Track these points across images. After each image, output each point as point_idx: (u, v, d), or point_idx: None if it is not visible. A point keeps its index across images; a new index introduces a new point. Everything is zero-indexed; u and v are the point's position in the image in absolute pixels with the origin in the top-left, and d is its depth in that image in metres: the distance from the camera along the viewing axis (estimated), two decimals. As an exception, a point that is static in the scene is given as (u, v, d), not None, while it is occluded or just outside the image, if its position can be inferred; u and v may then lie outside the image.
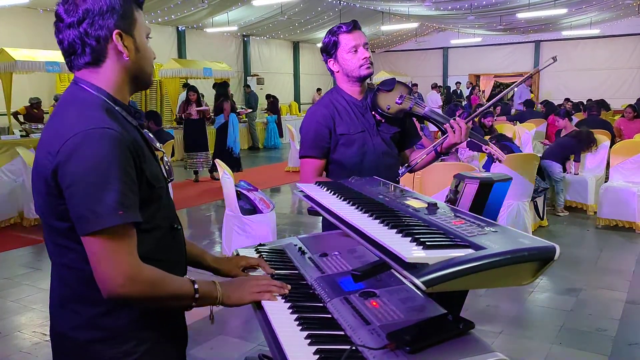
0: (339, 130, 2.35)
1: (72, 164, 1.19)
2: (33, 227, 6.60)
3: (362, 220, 1.38)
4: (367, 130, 2.38)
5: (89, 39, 1.28)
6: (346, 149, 2.36)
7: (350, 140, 2.35)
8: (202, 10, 13.35)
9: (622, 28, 18.68)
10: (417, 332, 1.23)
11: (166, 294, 1.30)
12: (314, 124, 2.38)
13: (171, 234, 1.44)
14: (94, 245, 1.19)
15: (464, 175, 1.61)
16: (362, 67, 2.33)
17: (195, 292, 1.33)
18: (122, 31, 1.30)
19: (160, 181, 1.38)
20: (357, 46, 2.31)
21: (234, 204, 4.88)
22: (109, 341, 1.31)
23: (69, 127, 1.22)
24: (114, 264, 1.19)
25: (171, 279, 1.31)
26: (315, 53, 21.66)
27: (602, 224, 6.29)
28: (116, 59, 1.32)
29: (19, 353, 3.51)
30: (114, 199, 1.17)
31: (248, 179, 5.44)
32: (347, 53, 2.32)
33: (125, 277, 1.19)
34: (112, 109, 1.30)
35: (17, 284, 4.75)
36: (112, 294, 1.20)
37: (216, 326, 3.75)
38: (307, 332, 1.31)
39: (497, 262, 1.06)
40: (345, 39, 2.32)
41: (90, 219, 1.17)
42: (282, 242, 2.08)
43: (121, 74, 1.34)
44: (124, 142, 1.23)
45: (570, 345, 3.51)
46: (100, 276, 1.20)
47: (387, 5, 15.32)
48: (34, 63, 9.72)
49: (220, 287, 1.41)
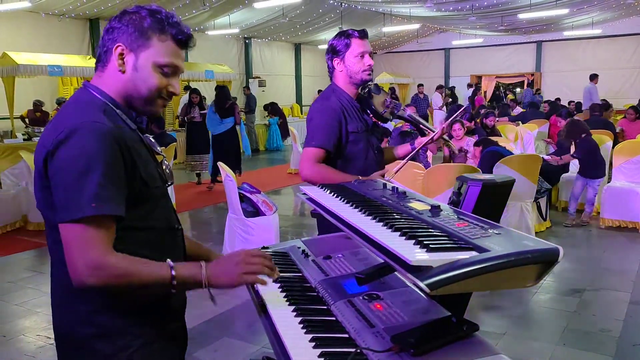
0: (350, 128, 2.52)
1: (59, 154, 1.24)
2: (37, 231, 6.61)
3: (366, 223, 1.38)
4: (368, 129, 2.61)
5: (105, 46, 1.40)
6: (355, 146, 2.53)
7: (358, 138, 2.53)
8: (203, 12, 13.36)
9: (623, 28, 18.65)
10: (422, 334, 1.23)
11: (137, 283, 1.27)
12: (327, 117, 2.50)
13: (170, 235, 1.46)
14: (67, 233, 1.23)
15: (467, 178, 1.61)
16: (364, 72, 2.53)
17: (172, 278, 1.30)
18: (126, 47, 1.36)
19: (156, 181, 1.40)
20: (365, 53, 2.51)
21: (236, 206, 4.89)
22: (104, 337, 1.33)
23: (63, 121, 1.28)
24: (82, 253, 1.22)
25: (144, 266, 1.29)
26: (316, 55, 21.66)
27: (605, 224, 6.27)
28: (116, 68, 1.38)
29: (24, 356, 3.52)
30: (91, 190, 1.21)
31: (250, 182, 5.44)
32: (355, 57, 2.51)
33: (92, 267, 1.22)
34: (111, 111, 1.35)
35: (21, 288, 4.77)
36: (79, 282, 1.23)
37: (220, 329, 3.76)
38: (311, 335, 1.32)
39: (501, 265, 1.06)
40: (357, 43, 2.51)
41: (65, 208, 1.22)
42: (286, 244, 2.08)
43: (119, 84, 1.39)
44: (112, 136, 1.27)
45: (574, 346, 3.50)
46: (69, 265, 1.23)
47: (389, 6, 15.32)
48: (37, 67, 9.75)
49: (206, 269, 1.35)
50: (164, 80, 1.40)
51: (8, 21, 11.50)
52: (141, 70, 1.37)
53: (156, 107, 1.44)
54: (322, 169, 2.44)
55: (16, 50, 10.26)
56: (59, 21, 12.52)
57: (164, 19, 1.38)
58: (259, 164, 12.80)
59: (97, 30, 13.35)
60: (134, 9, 1.40)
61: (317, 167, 2.44)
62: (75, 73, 10.64)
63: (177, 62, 1.41)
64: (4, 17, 11.25)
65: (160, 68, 1.38)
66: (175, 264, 1.32)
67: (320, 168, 2.44)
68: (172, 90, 1.43)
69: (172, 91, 1.43)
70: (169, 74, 1.41)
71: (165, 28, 1.38)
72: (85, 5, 11.90)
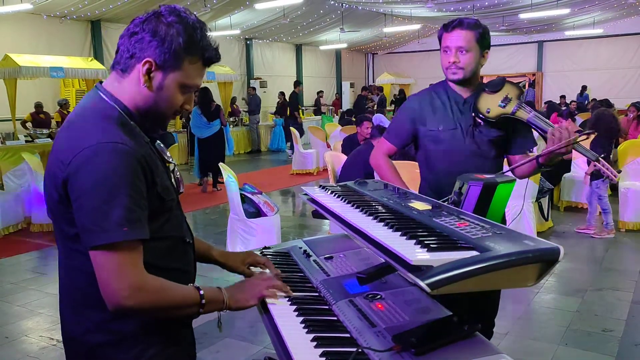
0: (429, 126, 2.34)
1: (81, 177, 1.21)
2: (40, 232, 6.62)
3: (367, 223, 1.39)
4: (462, 128, 2.31)
5: (129, 51, 1.32)
6: (434, 146, 2.35)
7: (437, 137, 2.33)
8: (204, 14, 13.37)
9: (625, 27, 18.63)
10: (423, 334, 1.23)
11: (172, 303, 1.31)
12: (402, 113, 2.46)
13: (182, 246, 1.45)
14: (99, 258, 1.21)
15: (468, 177, 1.61)
16: (448, 69, 2.30)
17: (201, 298, 1.34)
18: (156, 63, 1.31)
19: (170, 194, 1.39)
20: (450, 48, 2.27)
21: (238, 207, 4.89)
22: (118, 345, 1.32)
23: (82, 138, 1.25)
24: (119, 276, 1.21)
25: (176, 288, 1.33)
26: (318, 55, 21.67)
27: (626, 228, 6.09)
28: (140, 81, 1.33)
29: (27, 357, 3.52)
30: (120, 214, 1.20)
31: (252, 182, 5.45)
32: (442, 52, 2.32)
33: (130, 289, 1.21)
34: (126, 123, 1.32)
35: (23, 289, 4.77)
36: (117, 306, 1.22)
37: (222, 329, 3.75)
38: (313, 335, 1.32)
39: (502, 264, 1.07)
40: (443, 37, 2.31)
41: (95, 233, 1.20)
42: (287, 244, 2.09)
43: (139, 97, 1.35)
44: (134, 157, 1.24)
45: (577, 346, 3.50)
46: (105, 289, 1.22)
47: (390, 7, 15.33)
48: (38, 69, 9.77)
49: (226, 291, 1.42)
50: (182, 98, 1.39)
51: (10, 23, 11.53)
52: (166, 89, 1.34)
53: (167, 123, 1.46)
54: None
55: (18, 52, 10.28)
56: (60, 23, 12.55)
57: (199, 40, 1.33)
58: (261, 165, 12.81)
59: (98, 32, 13.38)
60: (169, 16, 1.31)
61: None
62: (77, 75, 10.67)
63: (200, 82, 1.40)
64: (6, 19, 11.28)
65: (183, 87, 1.36)
66: (199, 285, 1.37)
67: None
68: (187, 107, 1.42)
69: (186, 108, 1.42)
70: (189, 92, 1.40)
71: (199, 50, 1.34)
72: (87, 7, 11.93)
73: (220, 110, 9.01)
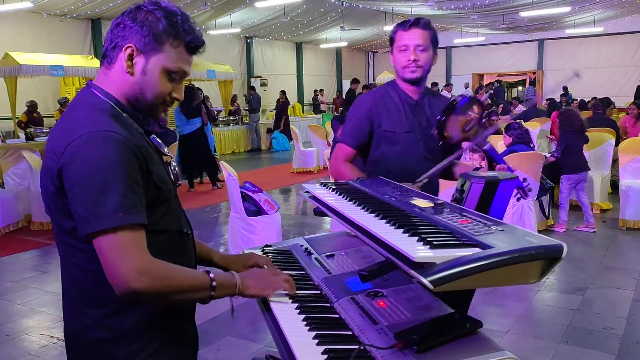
0: (384, 126, 2.32)
1: (75, 166, 1.21)
2: (40, 230, 6.63)
3: (369, 220, 1.38)
4: (415, 131, 2.32)
5: (113, 41, 1.35)
6: (389, 147, 2.32)
7: (394, 139, 2.31)
8: (205, 12, 13.37)
9: (626, 25, 18.63)
10: (425, 331, 1.23)
11: (182, 285, 1.29)
12: (358, 113, 2.39)
13: (181, 239, 1.44)
14: (101, 244, 1.20)
15: (470, 175, 1.61)
16: (406, 68, 2.28)
17: (211, 280, 1.33)
18: (137, 48, 1.32)
19: (167, 184, 1.39)
20: (408, 46, 2.25)
21: (239, 205, 4.89)
22: (118, 341, 1.32)
23: (74, 128, 1.25)
24: (126, 260, 1.19)
25: (185, 271, 1.32)
26: (318, 54, 21.67)
27: (627, 226, 6.07)
28: (124, 69, 1.34)
29: (27, 356, 3.52)
30: (115, 201, 1.19)
31: (252, 181, 5.45)
32: (398, 51, 2.29)
33: (138, 271, 1.19)
34: (119, 115, 1.33)
35: (24, 287, 4.78)
36: (126, 290, 1.19)
37: (223, 327, 3.76)
38: (315, 332, 1.32)
39: (504, 261, 1.06)
40: (399, 36, 2.28)
41: (90, 221, 1.19)
42: (289, 242, 2.09)
43: (125, 86, 1.35)
44: (127, 145, 1.24)
45: (577, 344, 3.50)
46: (112, 273, 1.20)
47: (390, 5, 15.32)
48: (38, 67, 9.77)
49: (239, 276, 1.41)
50: (170, 86, 1.38)
51: (10, 22, 11.53)
52: (150, 74, 1.34)
53: (158, 113, 1.43)
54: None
55: (18, 50, 10.29)
56: (60, 21, 12.55)
57: (179, 24, 1.34)
58: (261, 163, 12.81)
59: (98, 31, 13.38)
60: (150, 5, 1.34)
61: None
62: (77, 73, 10.67)
63: (186, 68, 1.39)
64: (6, 17, 11.28)
65: (168, 74, 1.36)
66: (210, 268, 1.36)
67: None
68: (176, 96, 1.41)
69: (175, 97, 1.41)
70: (176, 79, 1.39)
71: (180, 34, 1.34)
72: (87, 6, 11.93)
73: (202, 108, 9.06)
